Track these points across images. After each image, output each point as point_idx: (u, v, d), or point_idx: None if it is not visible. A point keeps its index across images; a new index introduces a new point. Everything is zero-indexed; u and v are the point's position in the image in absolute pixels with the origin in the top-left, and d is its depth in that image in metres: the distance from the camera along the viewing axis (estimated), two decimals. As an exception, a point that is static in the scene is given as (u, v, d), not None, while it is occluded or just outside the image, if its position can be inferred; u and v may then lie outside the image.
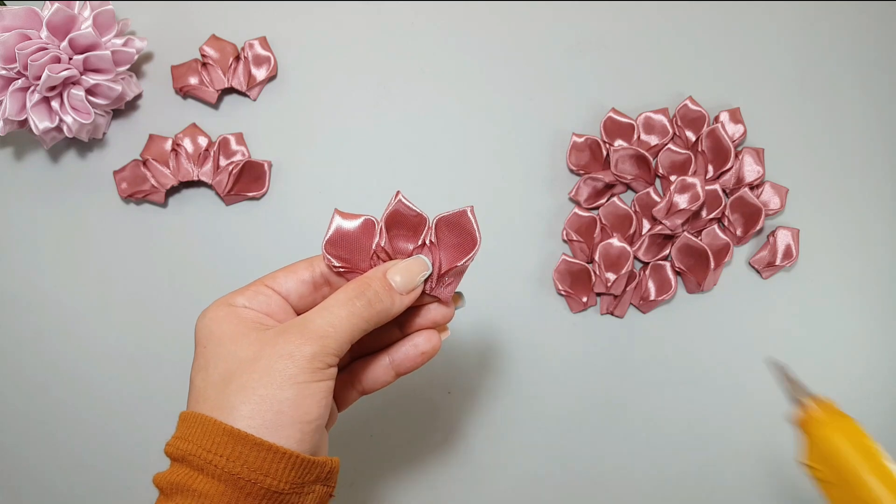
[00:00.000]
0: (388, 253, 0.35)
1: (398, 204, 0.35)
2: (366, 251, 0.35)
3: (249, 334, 0.31)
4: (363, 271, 0.34)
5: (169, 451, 0.30)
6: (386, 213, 0.35)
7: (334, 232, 0.34)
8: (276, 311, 0.33)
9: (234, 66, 0.54)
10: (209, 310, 0.32)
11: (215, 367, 0.30)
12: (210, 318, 0.32)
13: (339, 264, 0.34)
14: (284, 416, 0.29)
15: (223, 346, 0.31)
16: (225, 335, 0.31)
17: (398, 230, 0.35)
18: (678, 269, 0.53)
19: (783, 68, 0.56)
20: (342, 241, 0.34)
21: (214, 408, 0.29)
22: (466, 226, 0.35)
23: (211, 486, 0.28)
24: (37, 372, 0.53)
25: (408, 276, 0.34)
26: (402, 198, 0.35)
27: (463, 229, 0.35)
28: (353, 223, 0.35)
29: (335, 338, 0.31)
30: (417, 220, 0.35)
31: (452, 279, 0.35)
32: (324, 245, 0.34)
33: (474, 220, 0.34)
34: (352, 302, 0.32)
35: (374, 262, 0.35)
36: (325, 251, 0.34)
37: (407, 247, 0.35)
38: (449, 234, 0.35)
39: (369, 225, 0.35)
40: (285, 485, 0.29)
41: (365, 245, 0.35)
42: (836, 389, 0.54)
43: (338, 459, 0.32)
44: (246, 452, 0.28)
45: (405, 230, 0.35)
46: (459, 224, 0.35)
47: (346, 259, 0.34)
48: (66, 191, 0.54)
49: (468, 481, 0.53)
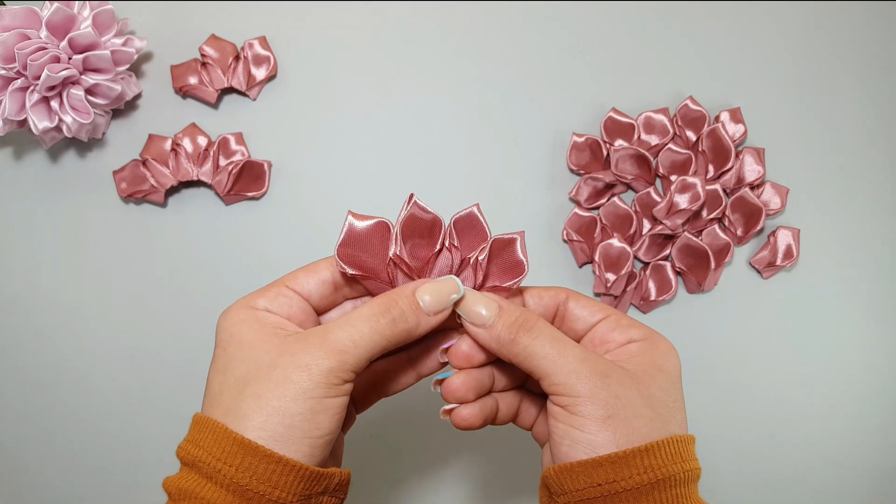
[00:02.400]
0: (406, 262, 0.33)
1: (413, 207, 0.33)
2: (382, 256, 0.33)
3: (270, 339, 0.31)
4: (380, 279, 0.33)
5: (180, 454, 0.30)
6: (401, 219, 0.33)
7: (346, 234, 0.33)
8: (296, 314, 0.33)
9: (234, 66, 0.54)
10: (231, 311, 0.32)
11: (233, 370, 0.30)
12: (231, 320, 0.32)
13: (352, 271, 0.33)
14: (296, 430, 0.29)
15: (243, 350, 0.31)
16: (245, 339, 0.31)
17: (414, 235, 0.34)
18: (678, 269, 0.53)
19: (783, 68, 0.56)
20: (356, 243, 0.33)
21: (227, 413, 0.29)
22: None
23: (218, 495, 0.28)
24: (37, 372, 0.53)
25: (438, 296, 0.32)
26: (417, 200, 0.33)
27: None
28: (366, 224, 0.33)
29: (354, 354, 0.30)
30: (433, 223, 0.34)
31: None
32: (336, 249, 0.33)
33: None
34: (376, 318, 0.31)
35: (391, 269, 0.33)
36: (337, 256, 0.33)
37: (425, 253, 0.34)
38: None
39: (383, 227, 0.33)
40: (293, 497, 0.29)
41: (380, 249, 0.33)
42: (837, 389, 0.54)
43: (348, 471, 0.32)
44: (255, 464, 0.28)
45: (421, 234, 0.34)
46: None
47: (361, 265, 0.33)
48: (65, 191, 0.54)
49: (469, 482, 0.53)
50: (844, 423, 0.53)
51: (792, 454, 0.53)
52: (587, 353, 0.31)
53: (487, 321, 0.32)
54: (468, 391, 0.33)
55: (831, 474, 0.53)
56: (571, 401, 0.30)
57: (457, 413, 0.33)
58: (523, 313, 0.32)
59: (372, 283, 0.33)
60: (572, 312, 0.35)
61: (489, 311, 0.32)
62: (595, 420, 0.30)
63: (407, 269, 0.33)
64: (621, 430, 0.29)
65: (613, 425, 0.29)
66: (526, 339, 0.31)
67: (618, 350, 0.33)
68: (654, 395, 0.31)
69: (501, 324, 0.32)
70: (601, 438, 0.29)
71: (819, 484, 0.53)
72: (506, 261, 0.34)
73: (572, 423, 0.30)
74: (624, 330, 0.33)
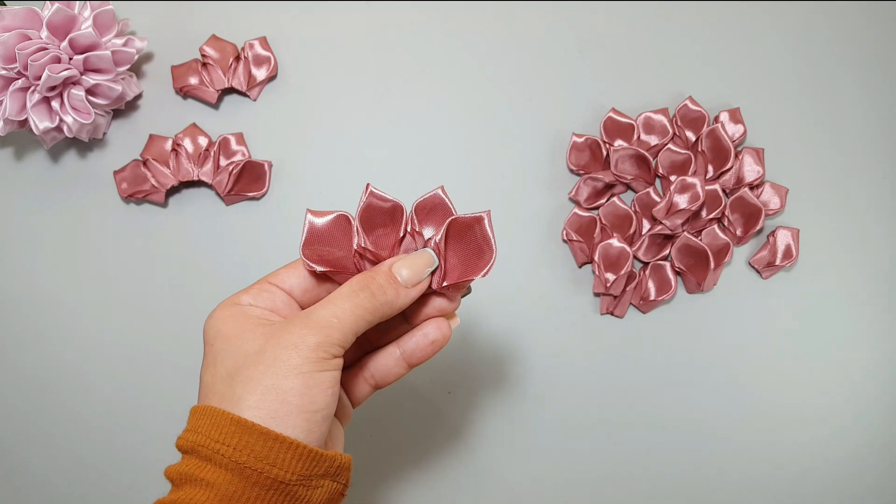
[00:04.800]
0: (372, 251, 0.34)
1: (370, 196, 0.34)
2: (347, 250, 0.34)
3: (255, 329, 0.31)
4: (349, 272, 0.34)
5: (179, 444, 0.31)
6: (359, 210, 0.34)
7: (308, 232, 0.34)
8: (280, 308, 0.33)
9: (235, 66, 0.54)
10: (216, 310, 0.33)
11: (223, 362, 0.31)
12: (216, 318, 0.32)
13: (321, 268, 0.33)
14: (290, 406, 0.29)
15: (230, 342, 0.31)
16: (231, 332, 0.31)
17: (376, 224, 0.34)
18: (678, 268, 0.53)
19: (783, 68, 0.56)
20: (319, 241, 0.34)
21: (222, 400, 0.30)
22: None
23: (219, 475, 0.29)
24: (37, 372, 0.53)
25: (414, 269, 0.34)
26: (374, 189, 0.34)
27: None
28: (326, 219, 0.34)
29: (339, 328, 0.31)
30: (394, 210, 0.34)
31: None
32: (301, 249, 0.33)
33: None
34: (356, 294, 0.32)
35: (357, 261, 0.34)
36: (302, 255, 0.33)
37: (390, 241, 0.34)
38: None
39: (344, 221, 0.34)
40: (292, 475, 0.29)
41: (344, 243, 0.34)
42: (837, 389, 0.54)
43: (349, 456, 0.32)
44: (252, 442, 0.28)
45: (384, 223, 0.34)
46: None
47: (329, 260, 0.34)
48: (66, 191, 0.54)
49: (469, 482, 0.53)
50: (844, 423, 0.53)
51: (792, 454, 0.53)
52: None
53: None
54: None
55: (831, 474, 0.53)
56: None
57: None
58: None
59: (342, 276, 0.34)
60: None
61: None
62: None
63: (373, 256, 0.34)
64: None
65: None
66: None
67: None
68: None
69: None
70: None
71: (819, 484, 0.53)
72: (472, 241, 0.35)
73: None
74: None
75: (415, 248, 0.35)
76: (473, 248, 0.35)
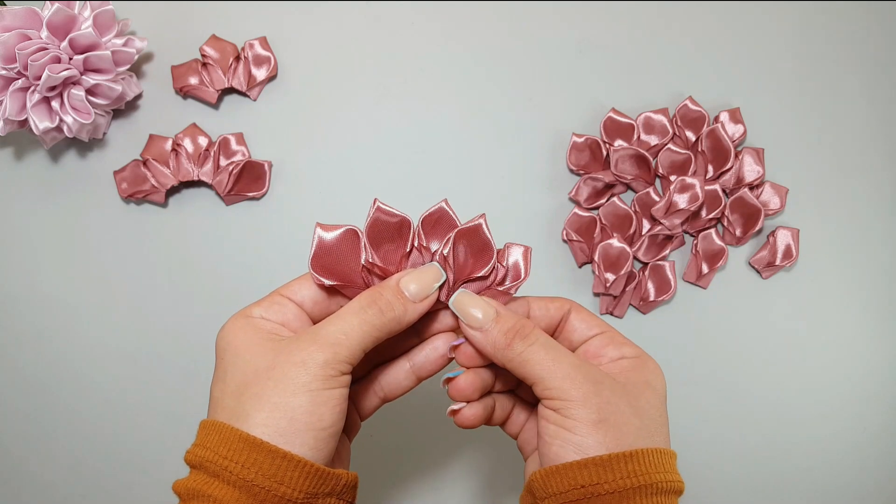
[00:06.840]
0: (380, 266, 0.34)
1: (377, 212, 0.34)
2: (355, 265, 0.34)
3: (265, 344, 0.31)
4: (357, 286, 0.34)
5: (188, 458, 0.31)
6: (367, 225, 0.34)
7: (317, 246, 0.34)
8: (291, 321, 0.33)
9: (235, 66, 0.54)
10: (227, 323, 0.33)
11: (232, 377, 0.31)
12: (227, 331, 0.32)
13: (330, 282, 0.33)
14: (298, 423, 0.29)
15: (239, 356, 0.31)
16: (241, 346, 0.31)
17: (384, 240, 0.34)
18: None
19: (783, 68, 0.56)
20: (328, 255, 0.34)
21: (231, 415, 0.30)
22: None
23: (226, 492, 0.29)
24: (37, 372, 0.53)
25: (422, 284, 0.33)
26: (381, 204, 0.34)
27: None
28: (335, 234, 0.34)
29: (347, 345, 0.31)
30: (401, 225, 0.34)
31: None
32: (310, 262, 0.33)
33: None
34: (364, 310, 0.32)
35: (365, 276, 0.34)
36: (311, 269, 0.33)
37: (397, 256, 0.34)
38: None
39: (352, 235, 0.34)
40: (298, 493, 0.29)
41: (352, 257, 0.34)
42: (837, 389, 0.54)
43: (356, 474, 0.32)
44: (261, 459, 0.29)
45: (391, 238, 0.34)
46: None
47: (337, 274, 0.34)
48: (66, 191, 0.54)
49: (469, 482, 0.53)
50: (844, 423, 0.53)
51: (792, 454, 0.53)
52: (581, 361, 0.32)
53: (483, 325, 0.33)
54: (474, 391, 0.34)
55: (831, 474, 0.53)
56: (564, 404, 0.31)
57: (462, 413, 0.34)
58: (519, 320, 0.33)
59: (351, 290, 0.34)
60: (571, 324, 0.36)
61: (484, 315, 0.33)
62: (586, 423, 0.30)
63: (381, 272, 0.34)
64: (611, 434, 0.30)
65: (604, 429, 0.30)
66: (521, 346, 0.32)
67: (610, 364, 0.34)
68: (642, 407, 0.32)
69: (498, 329, 0.32)
70: (591, 441, 0.30)
71: (819, 484, 0.53)
72: (474, 246, 0.35)
73: (563, 425, 0.31)
74: (618, 347, 0.34)
75: (422, 263, 0.35)
76: (478, 249, 0.35)
